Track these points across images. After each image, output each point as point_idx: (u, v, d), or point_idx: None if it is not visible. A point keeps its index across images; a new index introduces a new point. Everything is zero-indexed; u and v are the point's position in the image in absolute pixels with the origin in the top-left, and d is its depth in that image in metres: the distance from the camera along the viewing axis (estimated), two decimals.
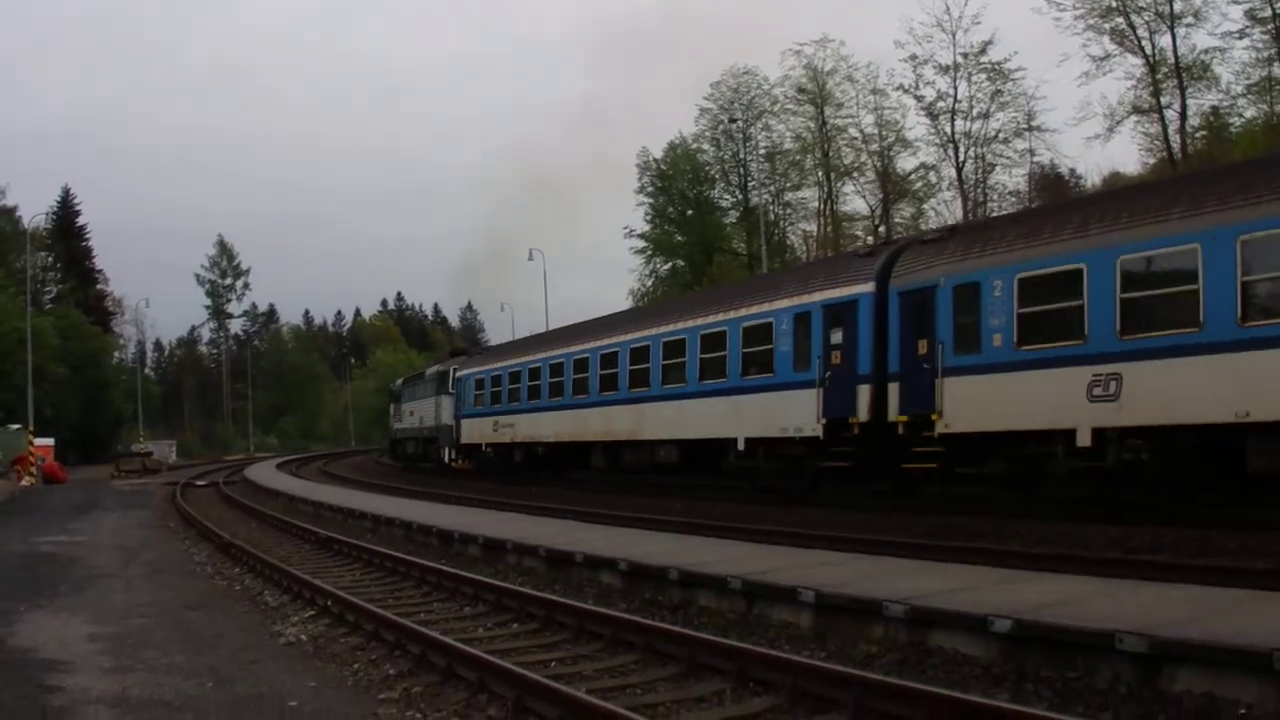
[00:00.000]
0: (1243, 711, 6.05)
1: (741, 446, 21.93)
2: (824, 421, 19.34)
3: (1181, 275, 13.91)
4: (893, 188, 53.61)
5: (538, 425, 32.72)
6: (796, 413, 19.99)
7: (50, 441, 49.42)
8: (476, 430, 38.18)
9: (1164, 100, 41.85)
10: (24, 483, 40.49)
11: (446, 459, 42.23)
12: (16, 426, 47.26)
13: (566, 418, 30.46)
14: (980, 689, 7.01)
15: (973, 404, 16.57)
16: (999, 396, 16.18)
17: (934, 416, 17.02)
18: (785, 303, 21.08)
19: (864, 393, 18.61)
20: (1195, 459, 14.27)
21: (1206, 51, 40.52)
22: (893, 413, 17.96)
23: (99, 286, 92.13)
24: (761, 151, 57.15)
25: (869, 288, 18.97)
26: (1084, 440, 14.79)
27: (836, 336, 19.39)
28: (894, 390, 18.02)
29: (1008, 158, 50.05)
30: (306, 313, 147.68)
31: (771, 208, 57.91)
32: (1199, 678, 6.41)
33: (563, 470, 32.68)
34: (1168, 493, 15.30)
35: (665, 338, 25.14)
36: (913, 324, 17.80)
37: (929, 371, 17.21)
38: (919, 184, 53.42)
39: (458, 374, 40.91)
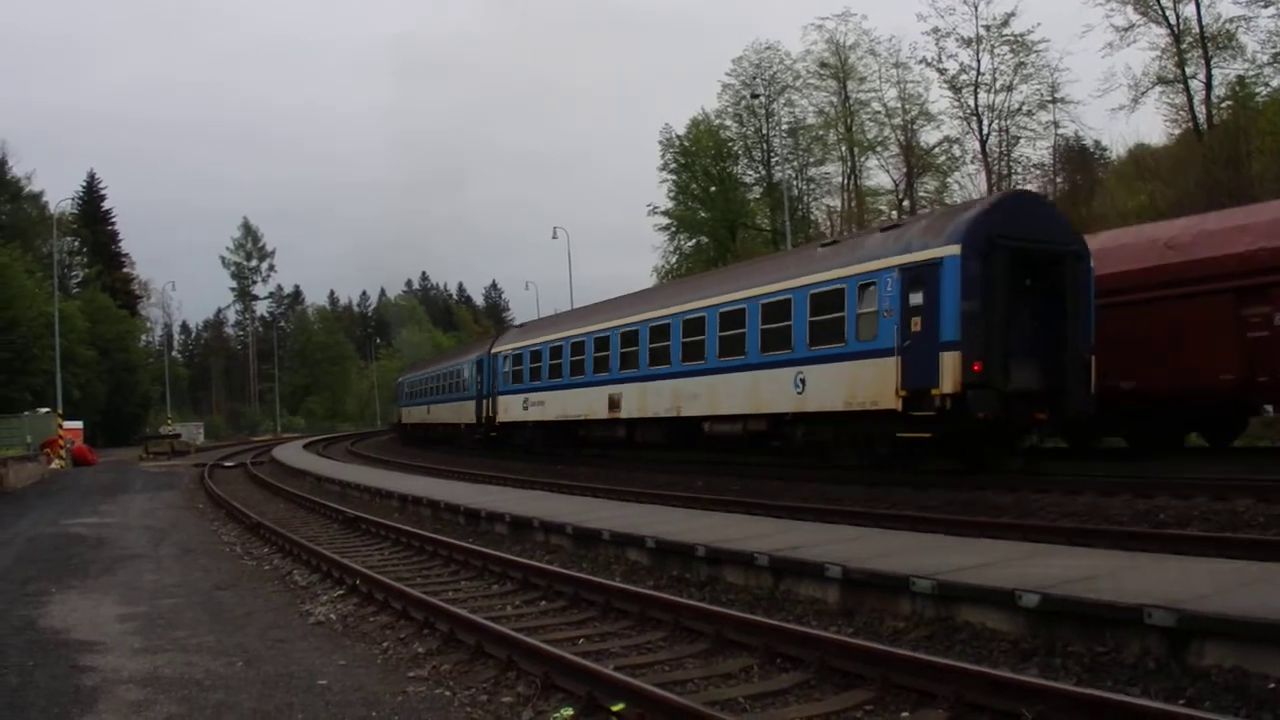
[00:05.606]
0: (1272, 685, 6.00)
1: None
2: None
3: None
4: (916, 161, 53.39)
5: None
6: None
7: (79, 424, 49.99)
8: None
9: (1189, 70, 41.56)
10: (54, 465, 40.96)
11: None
12: (46, 410, 47.77)
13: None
14: (1008, 664, 6.98)
15: None
16: None
17: None
18: None
19: None
20: None
21: (1231, 20, 40.26)
22: None
23: (125, 270, 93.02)
24: (784, 127, 56.92)
25: None
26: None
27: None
28: None
29: (1032, 130, 49.95)
30: (331, 293, 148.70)
31: (795, 183, 57.74)
32: (1228, 652, 6.35)
33: None
34: None
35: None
36: None
37: None
38: (943, 158, 53.29)
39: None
